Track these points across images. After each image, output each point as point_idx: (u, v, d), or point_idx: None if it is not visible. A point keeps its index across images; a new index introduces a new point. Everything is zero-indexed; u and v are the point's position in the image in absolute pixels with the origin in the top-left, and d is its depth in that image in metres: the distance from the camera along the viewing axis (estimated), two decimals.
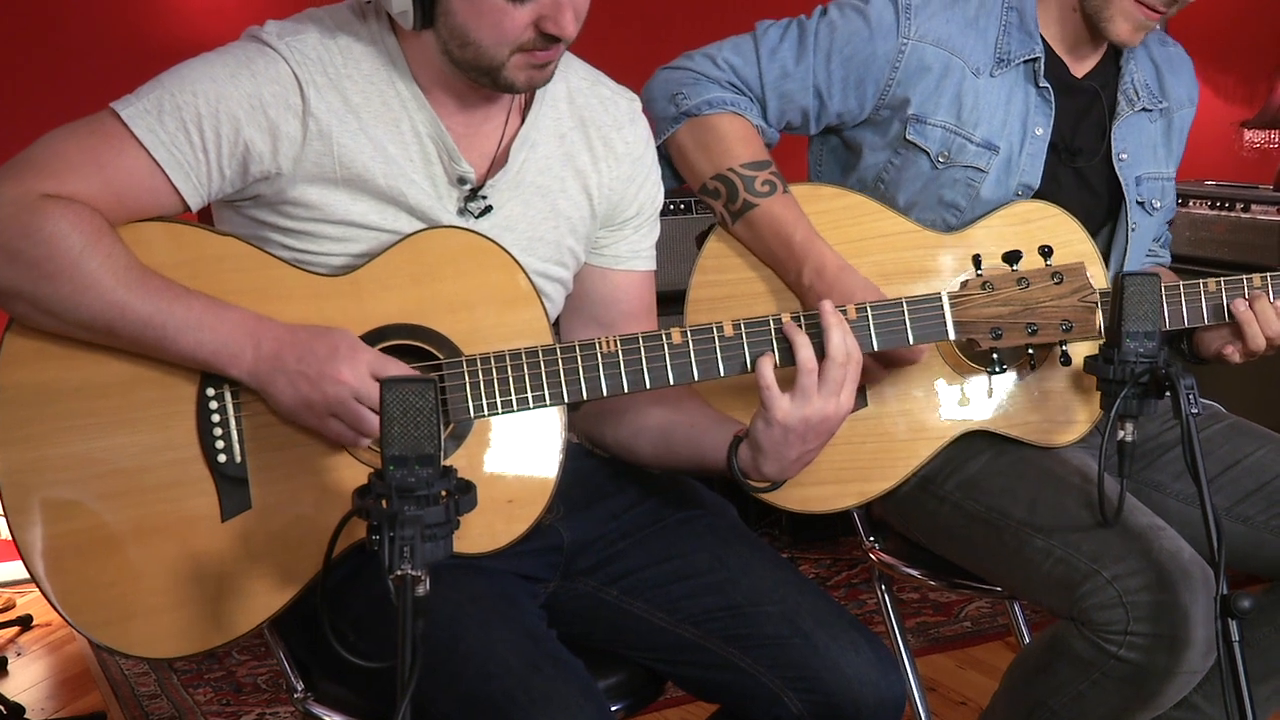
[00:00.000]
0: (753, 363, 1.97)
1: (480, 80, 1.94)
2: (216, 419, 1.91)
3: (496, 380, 1.93)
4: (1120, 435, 2.03)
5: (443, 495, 1.60)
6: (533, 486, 1.99)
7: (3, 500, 1.90)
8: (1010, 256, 2.06)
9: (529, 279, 1.99)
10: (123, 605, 1.90)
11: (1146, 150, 2.52)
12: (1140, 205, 2.50)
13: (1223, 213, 4.93)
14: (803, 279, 2.29)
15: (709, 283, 2.37)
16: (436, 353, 1.95)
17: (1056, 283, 2.04)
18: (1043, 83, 2.42)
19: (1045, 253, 2.07)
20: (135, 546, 1.90)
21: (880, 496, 2.35)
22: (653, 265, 2.23)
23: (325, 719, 2.04)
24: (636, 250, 2.20)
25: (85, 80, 4.35)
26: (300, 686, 2.07)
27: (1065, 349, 2.15)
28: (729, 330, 1.98)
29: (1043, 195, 2.43)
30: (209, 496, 1.91)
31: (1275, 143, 5.00)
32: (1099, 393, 2.08)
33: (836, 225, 2.34)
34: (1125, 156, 2.49)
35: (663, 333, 1.98)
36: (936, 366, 2.32)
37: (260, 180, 1.92)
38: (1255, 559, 2.36)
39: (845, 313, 2.00)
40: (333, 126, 1.92)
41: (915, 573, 2.51)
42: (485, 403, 1.93)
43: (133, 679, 3.91)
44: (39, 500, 1.89)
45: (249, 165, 1.90)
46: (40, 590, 1.90)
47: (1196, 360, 2.40)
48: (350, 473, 1.93)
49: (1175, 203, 2.62)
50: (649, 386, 1.97)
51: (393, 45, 1.97)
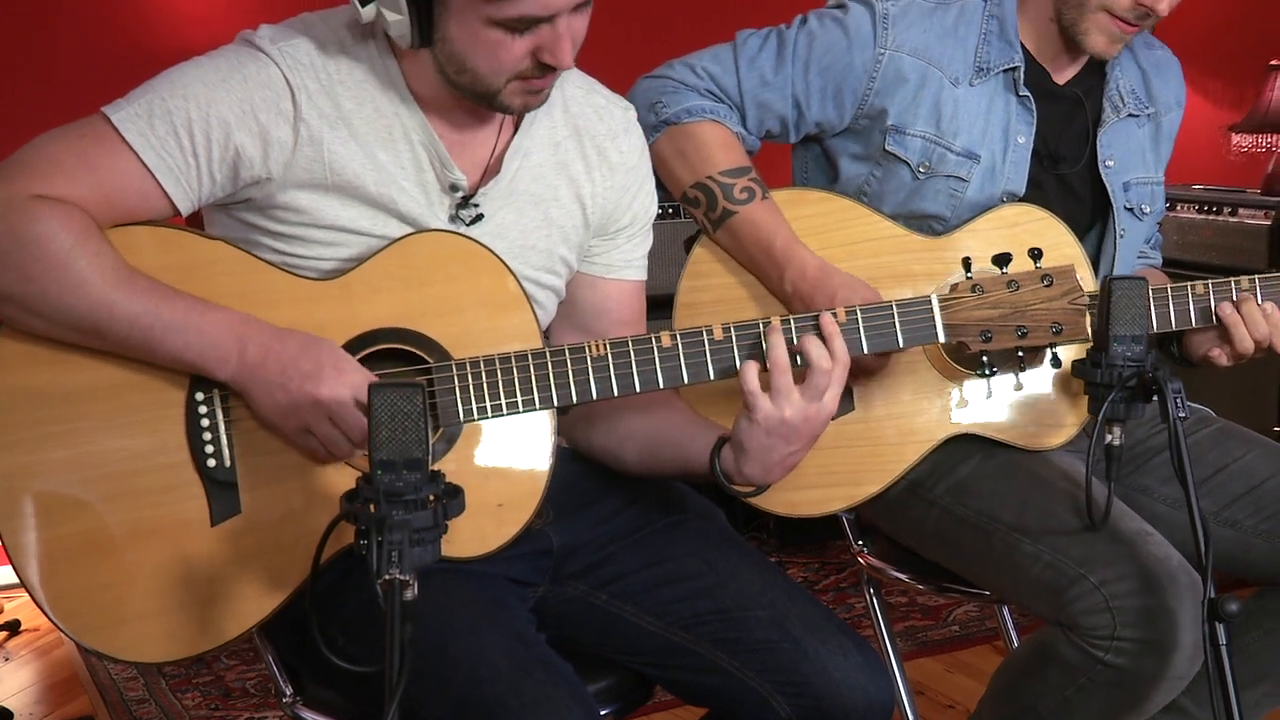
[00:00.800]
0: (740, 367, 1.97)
1: (476, 102, 1.95)
2: (206, 423, 1.91)
3: (486, 384, 1.93)
4: (1108, 439, 2.03)
5: (431, 499, 1.60)
6: (522, 491, 1.99)
7: None
8: (1000, 259, 2.06)
9: (518, 283, 1.99)
10: (112, 610, 1.90)
11: (1135, 156, 2.53)
12: (1130, 211, 2.51)
13: (1210, 216, 4.94)
14: (785, 284, 2.30)
15: (697, 288, 2.38)
16: (426, 356, 1.95)
17: (1046, 285, 2.04)
18: (1023, 91, 2.43)
19: (1035, 255, 2.07)
20: (125, 551, 1.90)
21: (868, 500, 2.35)
22: (644, 275, 2.23)
23: None
24: (629, 260, 2.21)
25: (77, 84, 4.34)
26: (289, 691, 2.07)
27: (1056, 351, 2.16)
28: (718, 334, 1.98)
29: (1028, 203, 2.43)
30: (198, 501, 1.91)
31: (1262, 147, 5.02)
32: (1087, 396, 2.08)
33: (824, 229, 2.35)
34: (1112, 163, 2.50)
35: (652, 336, 1.98)
36: (923, 370, 2.32)
37: (251, 185, 1.93)
38: (1243, 563, 2.36)
39: (835, 315, 2.00)
40: (324, 132, 1.92)
41: (903, 576, 2.52)
42: (475, 407, 1.93)
43: (121, 684, 3.90)
44: (29, 505, 1.89)
45: (239, 170, 1.91)
46: (30, 595, 1.90)
47: (1185, 363, 2.41)
48: (339, 477, 1.93)
49: (1165, 206, 2.62)
50: (639, 389, 1.97)
51: (387, 52, 1.97)
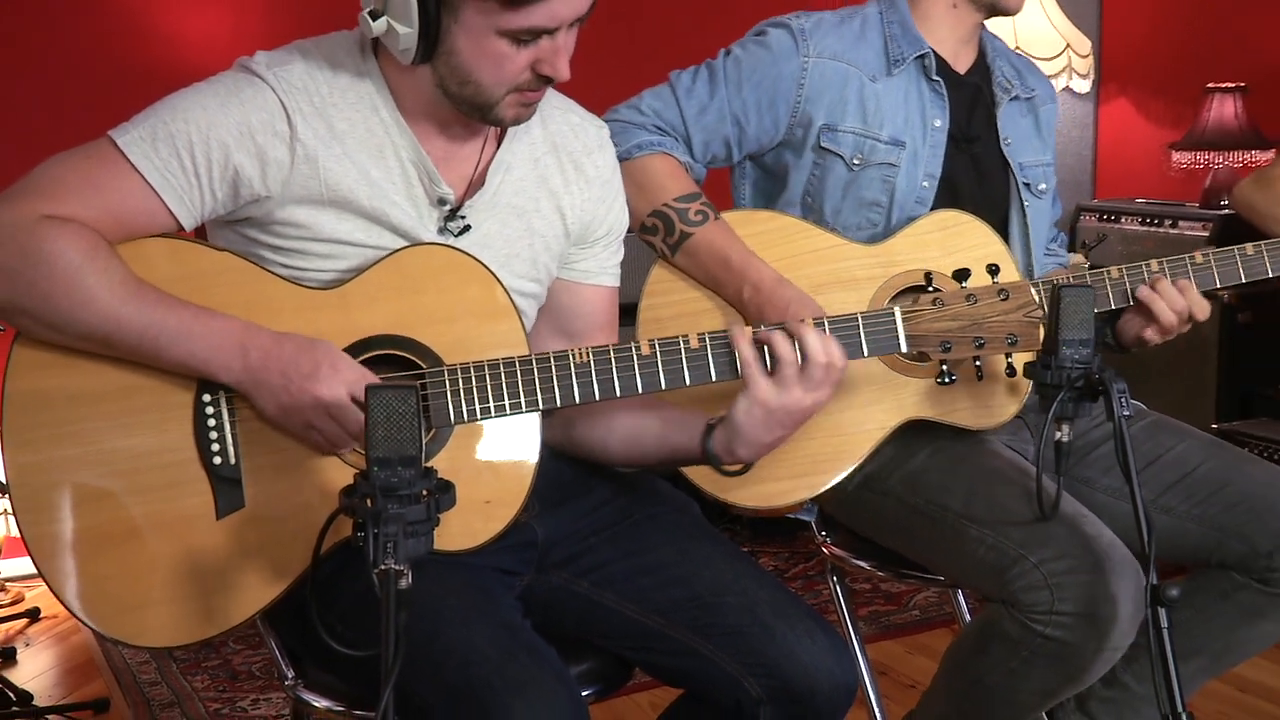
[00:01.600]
0: (729, 376, 1.98)
1: (471, 114, 1.95)
2: (212, 423, 1.91)
3: (476, 388, 1.93)
4: (1057, 436, 2.04)
5: (424, 494, 1.60)
6: (510, 488, 1.98)
7: (12, 500, 1.89)
8: (959, 274, 2.07)
9: (506, 293, 1.99)
10: (124, 599, 1.89)
11: (1025, 138, 2.59)
12: (1027, 187, 2.55)
13: (1152, 229, 4.97)
14: (743, 295, 2.31)
15: (656, 305, 2.40)
16: (420, 362, 1.95)
17: (1003, 299, 2.05)
18: (934, 77, 2.48)
19: (992, 271, 2.09)
20: (135, 543, 1.89)
21: (831, 488, 2.35)
22: (617, 281, 2.24)
23: (315, 704, 2.03)
24: (604, 266, 2.21)
25: (84, 109, 4.34)
26: (291, 674, 2.06)
27: (1010, 361, 2.17)
28: (694, 343, 1.99)
29: (945, 182, 2.48)
30: (205, 496, 1.91)
31: (1200, 164, 5.03)
32: (1025, 379, 2.10)
33: (771, 245, 2.36)
34: (1010, 141, 2.56)
35: (632, 345, 1.98)
36: (875, 365, 2.33)
37: (250, 202, 1.92)
38: (1178, 547, 2.37)
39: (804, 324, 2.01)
40: (319, 151, 1.92)
41: (864, 564, 2.51)
42: (465, 409, 1.93)
43: (134, 667, 3.91)
44: (45, 500, 1.88)
45: (239, 188, 1.91)
46: (47, 584, 1.89)
47: (1121, 349, 2.43)
48: (337, 473, 1.93)
49: (1056, 192, 2.67)
50: (619, 394, 1.98)
51: (377, 76, 1.97)
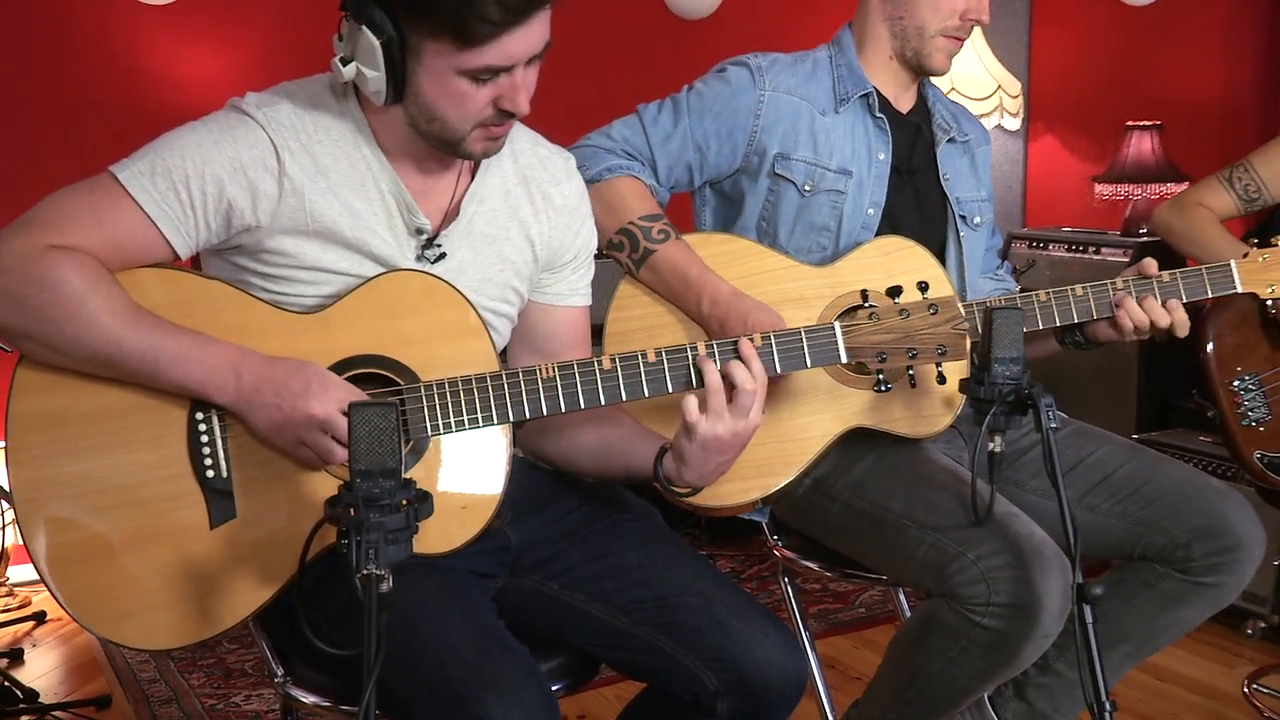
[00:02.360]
0: (685, 387, 1.99)
1: (443, 150, 1.95)
2: (205, 439, 1.90)
3: (450, 403, 1.93)
4: (990, 446, 2.05)
5: (403, 504, 1.60)
6: (483, 495, 1.98)
7: (16, 514, 1.88)
8: (893, 291, 2.08)
9: (478, 315, 1.99)
10: (122, 604, 1.88)
11: (963, 175, 2.60)
12: (963, 219, 2.56)
13: (1078, 254, 5.00)
14: (702, 308, 2.32)
15: (623, 318, 2.39)
16: (398, 379, 1.94)
17: (933, 313, 2.07)
18: (878, 114, 2.50)
19: (923, 287, 2.11)
20: (133, 552, 1.88)
21: (781, 492, 2.35)
22: (588, 300, 2.23)
23: (303, 700, 2.02)
24: (574, 289, 2.20)
25: (86, 146, 4.33)
26: (280, 672, 2.05)
27: (941, 369, 2.17)
28: (652, 357, 1.99)
29: (888, 210, 2.49)
30: (198, 508, 1.90)
31: (1121, 195, 5.07)
32: (958, 392, 2.12)
33: (727, 265, 2.36)
34: (949, 177, 2.57)
35: (594, 360, 1.98)
36: (821, 377, 2.33)
37: (242, 232, 1.92)
38: (1103, 542, 2.39)
39: (752, 340, 2.02)
40: (305, 185, 1.92)
41: (813, 565, 2.52)
42: (441, 422, 1.93)
43: (135, 666, 3.89)
44: (48, 513, 1.87)
45: (231, 219, 1.90)
46: (51, 593, 1.88)
47: (1090, 345, 2.43)
48: (323, 485, 1.92)
49: (995, 229, 2.69)
50: (583, 407, 1.97)
51: (358, 115, 1.97)
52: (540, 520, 2.14)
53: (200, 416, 1.90)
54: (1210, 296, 2.37)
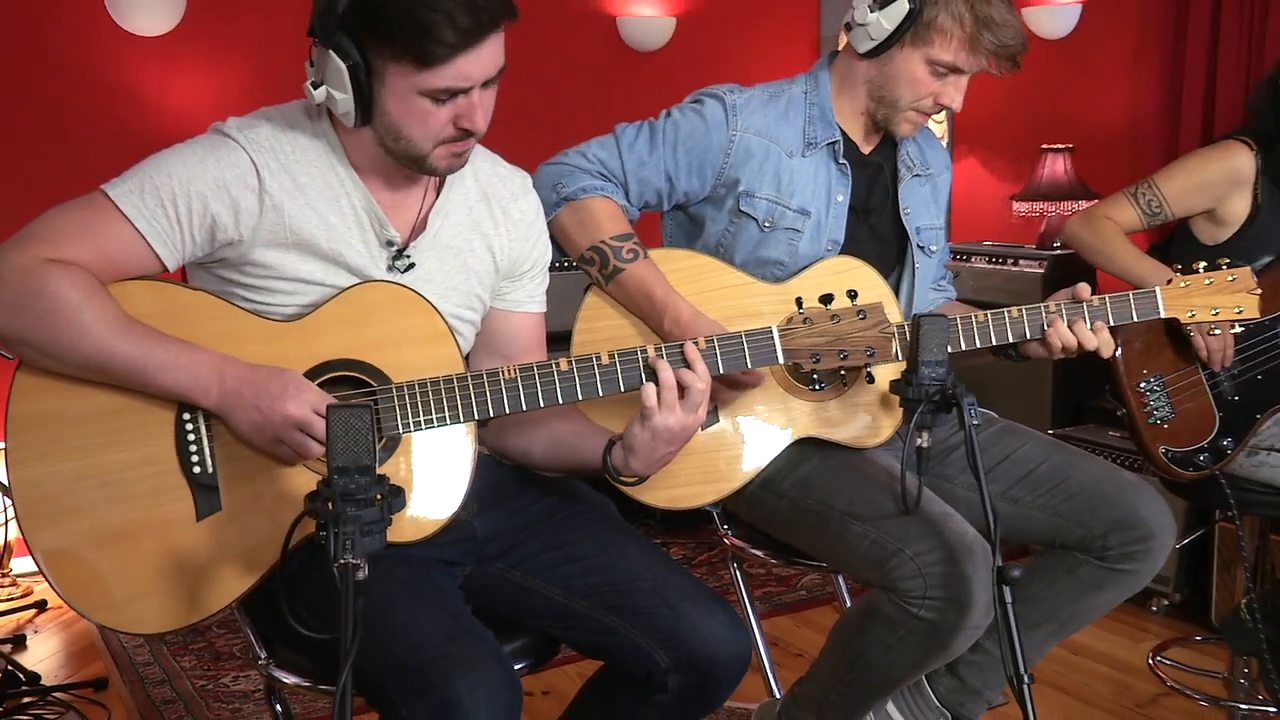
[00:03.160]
0: (636, 386, 1.98)
1: (410, 166, 1.94)
2: (191, 437, 1.88)
3: (420, 403, 1.92)
4: (918, 442, 2.05)
5: (378, 498, 1.59)
6: (450, 487, 1.97)
7: (15, 509, 1.86)
8: (825, 298, 2.09)
9: (444, 321, 1.98)
10: (115, 591, 1.86)
11: (923, 206, 2.59)
12: (921, 249, 2.55)
13: (998, 266, 5.03)
14: (664, 326, 2.30)
15: (590, 329, 2.37)
16: (371, 381, 1.93)
17: (861, 318, 2.08)
18: (841, 160, 2.47)
19: (852, 295, 2.11)
20: (125, 543, 1.86)
21: (732, 494, 2.35)
22: (544, 308, 2.23)
23: (284, 680, 2.01)
24: (531, 296, 2.20)
25: (80, 165, 4.31)
26: (264, 655, 2.03)
27: (870, 370, 2.18)
28: (605, 360, 1.99)
29: (847, 247, 2.47)
30: (186, 501, 1.88)
31: (1036, 212, 5.10)
32: (900, 407, 2.11)
33: (688, 280, 2.35)
34: (909, 211, 2.55)
35: (553, 362, 1.98)
36: (773, 389, 2.33)
37: (225, 246, 1.90)
38: (1026, 531, 2.39)
39: (696, 342, 2.02)
40: (284, 201, 1.90)
41: (760, 553, 2.52)
42: (411, 421, 1.92)
43: (130, 650, 3.86)
44: (45, 508, 1.85)
45: (215, 234, 1.88)
46: (49, 583, 1.86)
47: (1021, 359, 2.43)
48: (303, 480, 1.91)
49: (948, 248, 2.68)
50: (542, 405, 1.97)
51: (333, 137, 1.96)
52: (504, 512, 2.13)
53: (187, 416, 1.88)
54: (1135, 320, 2.35)
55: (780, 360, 2.08)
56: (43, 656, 3.87)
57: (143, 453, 1.87)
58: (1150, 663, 3.39)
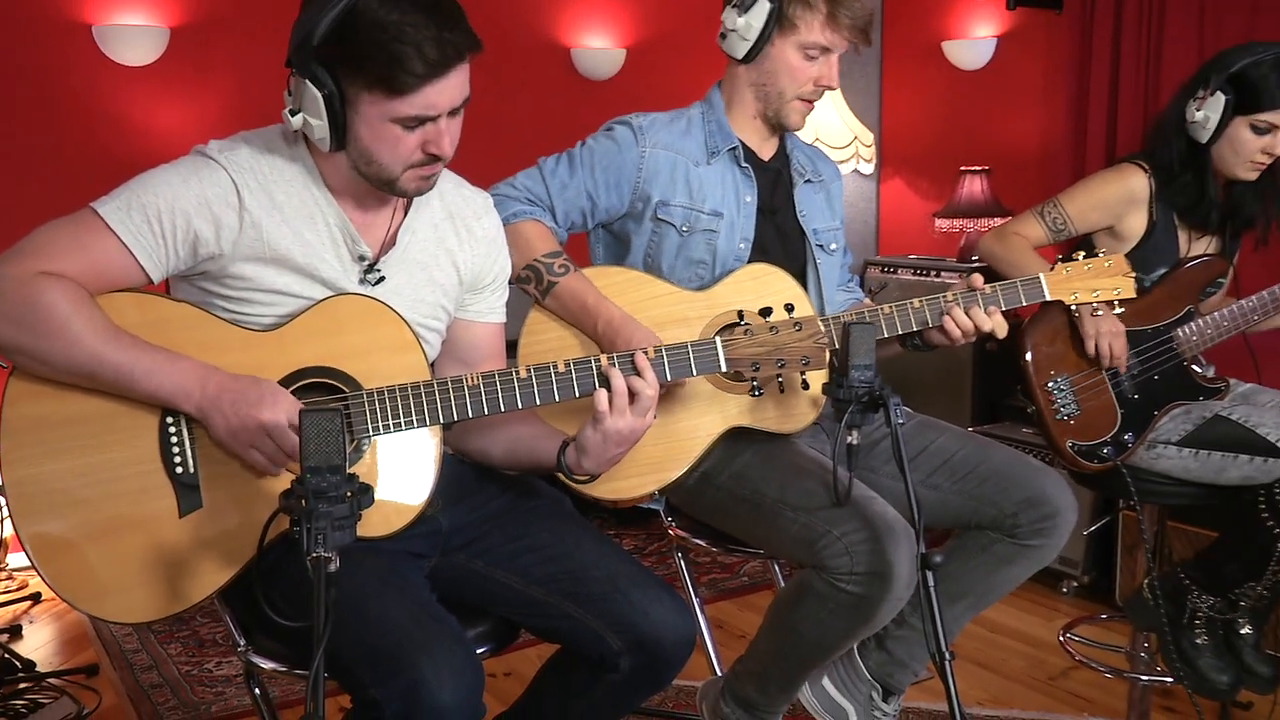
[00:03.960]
0: (589, 392, 1.98)
1: (381, 188, 1.93)
2: (175, 439, 1.86)
3: (389, 407, 1.91)
4: (849, 439, 2.06)
5: (348, 495, 1.58)
6: (417, 485, 1.96)
7: (9, 506, 1.83)
8: (764, 311, 2.10)
9: (412, 330, 1.97)
10: (103, 584, 1.84)
11: (818, 209, 2.62)
12: (820, 248, 2.58)
13: (922, 278, 5.06)
14: (597, 329, 2.32)
15: (533, 342, 2.39)
16: (343, 387, 1.92)
17: (798, 330, 2.08)
18: (744, 164, 2.51)
19: (789, 308, 2.12)
20: (112, 538, 1.83)
21: (672, 483, 2.34)
22: (504, 318, 2.22)
23: (262, 665, 1.99)
24: (493, 307, 2.19)
25: (71, 185, 4.23)
26: (243, 642, 2.01)
27: (804, 377, 2.20)
28: (561, 368, 1.98)
29: (757, 244, 2.50)
30: (169, 499, 1.86)
31: (957, 228, 5.14)
32: (821, 393, 2.13)
33: (621, 293, 2.37)
34: (805, 213, 2.58)
35: (513, 370, 1.97)
36: (705, 386, 2.34)
37: (207, 260, 1.88)
38: (946, 514, 2.41)
39: (647, 353, 2.02)
40: (262, 218, 1.89)
41: (702, 542, 2.52)
42: (380, 424, 1.90)
43: (120, 639, 3.82)
44: (37, 505, 1.82)
45: (198, 249, 1.86)
46: (41, 576, 1.84)
47: (926, 348, 2.46)
48: (278, 479, 1.89)
49: (847, 250, 2.70)
50: (502, 410, 1.96)
51: (309, 160, 1.94)
52: (466, 507, 2.12)
53: (170, 420, 1.86)
54: (1024, 304, 2.40)
55: (723, 368, 2.08)
56: (37, 645, 3.81)
57: (129, 454, 1.85)
58: (1061, 639, 3.41)
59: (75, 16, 4.39)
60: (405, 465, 1.96)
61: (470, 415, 1.94)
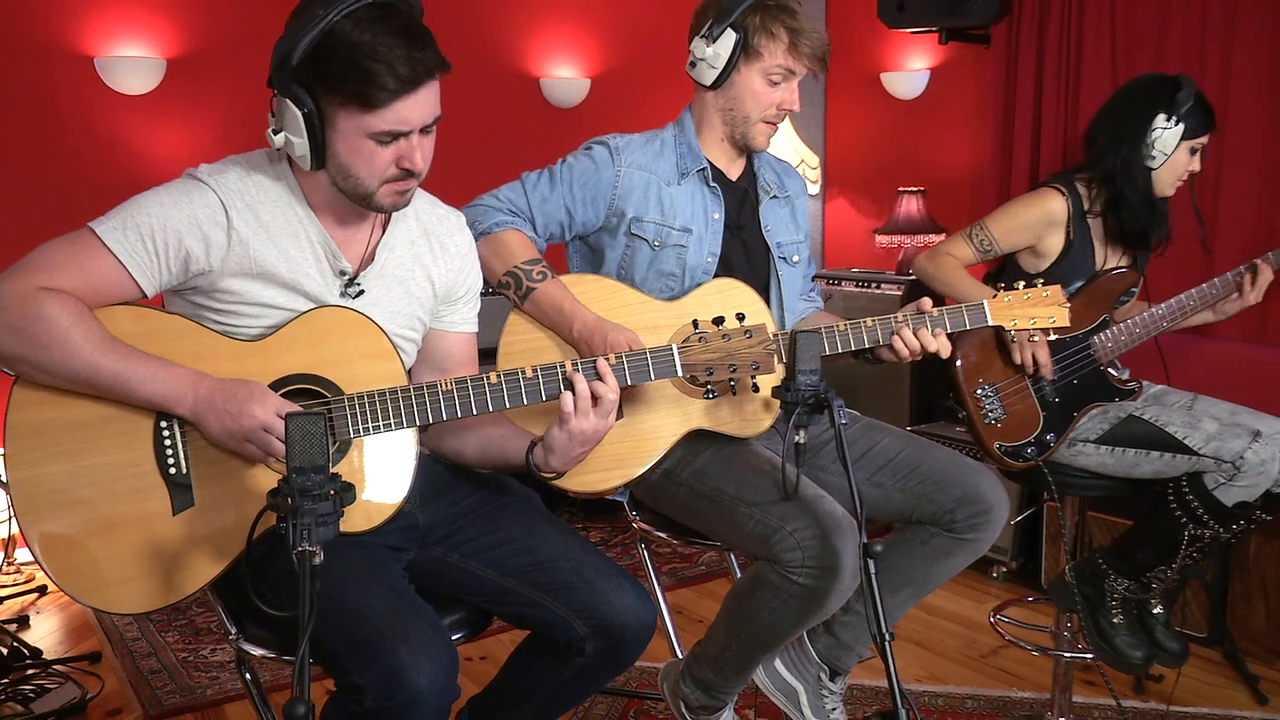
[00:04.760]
0: (555, 396, 1.97)
1: (359, 203, 1.91)
2: (168, 442, 1.84)
3: (369, 411, 1.89)
4: (796, 439, 2.06)
5: (331, 493, 1.57)
6: (395, 483, 1.95)
7: (13, 506, 1.81)
8: (717, 320, 2.09)
9: (390, 340, 1.96)
10: (102, 577, 1.82)
11: (782, 224, 2.61)
12: (783, 260, 2.57)
13: (864, 289, 5.07)
14: (573, 332, 2.30)
15: (512, 343, 2.37)
16: (326, 393, 1.91)
17: (749, 337, 2.08)
18: (712, 184, 2.51)
19: (740, 317, 2.11)
20: (110, 534, 1.82)
21: (635, 479, 2.34)
22: (476, 329, 2.21)
23: (252, 652, 1.97)
24: (465, 318, 2.18)
25: (72, 205, 4.21)
26: (234, 630, 1.99)
27: (755, 381, 2.19)
28: (529, 373, 1.97)
29: (724, 259, 2.49)
30: (163, 498, 1.84)
31: (895, 244, 5.16)
32: (775, 400, 2.12)
33: (595, 300, 2.35)
34: (769, 228, 2.58)
35: (484, 376, 1.96)
36: (669, 390, 2.33)
37: (197, 275, 1.86)
38: (887, 510, 2.41)
39: (608, 358, 2.01)
40: (249, 236, 1.87)
41: (664, 535, 2.50)
42: (362, 426, 1.89)
43: (120, 628, 3.78)
44: (40, 505, 1.80)
45: (189, 265, 1.85)
46: (44, 571, 1.82)
47: (876, 362, 2.44)
48: (266, 478, 1.88)
49: (810, 261, 2.70)
50: (475, 413, 1.95)
51: (292, 180, 1.93)
52: (442, 503, 2.11)
53: (164, 424, 1.84)
54: (969, 328, 2.38)
55: (679, 373, 2.08)
56: (44, 634, 3.77)
57: (125, 456, 1.83)
58: (991, 620, 3.42)
59: (78, 49, 4.35)
60: (385, 465, 1.94)
61: (444, 418, 1.93)
